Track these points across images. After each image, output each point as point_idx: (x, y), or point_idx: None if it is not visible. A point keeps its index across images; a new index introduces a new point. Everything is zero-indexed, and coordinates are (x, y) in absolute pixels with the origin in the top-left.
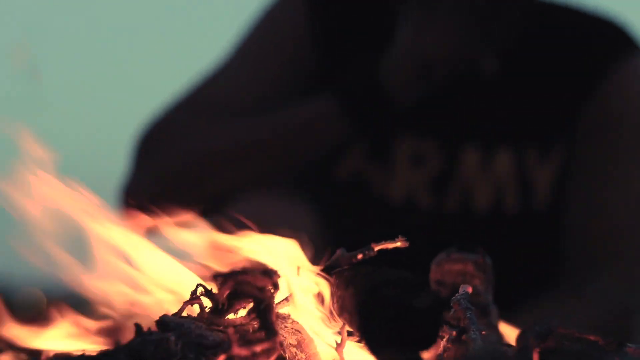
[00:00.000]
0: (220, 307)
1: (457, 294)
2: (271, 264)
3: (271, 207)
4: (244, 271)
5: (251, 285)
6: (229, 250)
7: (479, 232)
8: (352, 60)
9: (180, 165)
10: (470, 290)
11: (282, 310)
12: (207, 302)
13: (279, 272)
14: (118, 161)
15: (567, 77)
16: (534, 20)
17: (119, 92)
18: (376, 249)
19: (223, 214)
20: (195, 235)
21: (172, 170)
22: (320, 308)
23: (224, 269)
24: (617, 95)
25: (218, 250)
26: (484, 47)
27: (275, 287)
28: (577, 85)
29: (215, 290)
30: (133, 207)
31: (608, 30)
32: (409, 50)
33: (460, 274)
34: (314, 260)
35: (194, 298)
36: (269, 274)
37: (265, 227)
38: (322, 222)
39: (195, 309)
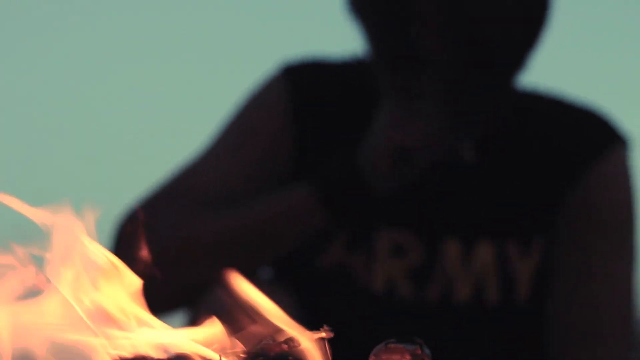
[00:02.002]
0: None
1: None
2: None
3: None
4: None
5: None
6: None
7: (459, 323)
8: (331, 150)
9: (158, 253)
10: None
11: None
12: None
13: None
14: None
15: (550, 170)
16: (516, 111)
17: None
18: (299, 341)
19: (196, 304)
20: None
21: (155, 255)
22: None
23: None
24: (599, 188)
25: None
26: (462, 137)
27: None
28: (559, 178)
29: None
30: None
31: (592, 124)
32: (386, 138)
33: None
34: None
35: None
36: None
37: (239, 315)
38: (304, 311)
39: None
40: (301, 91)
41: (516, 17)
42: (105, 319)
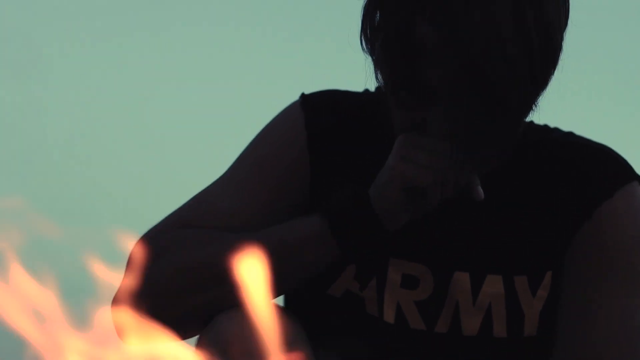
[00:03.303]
0: None
1: None
2: None
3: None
4: None
5: None
6: None
7: (467, 355)
8: (346, 182)
9: (170, 278)
10: None
11: None
12: None
13: None
14: None
15: (560, 207)
16: (526, 147)
17: None
18: None
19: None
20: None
21: (163, 282)
22: None
23: None
24: (609, 225)
25: None
26: (470, 172)
27: None
28: (569, 215)
29: None
30: (123, 314)
31: (602, 161)
32: (396, 173)
33: None
34: None
35: None
36: None
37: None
38: (316, 339)
39: None
40: (318, 123)
41: (522, 55)
42: None
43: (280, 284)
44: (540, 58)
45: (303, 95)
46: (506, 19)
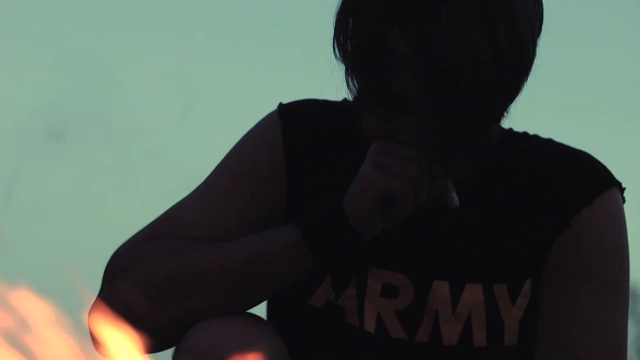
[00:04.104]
0: None
1: None
2: None
3: (234, 333)
4: None
5: None
6: None
7: None
8: (322, 192)
9: (143, 290)
10: None
11: None
12: None
13: None
14: None
15: (539, 215)
16: (505, 155)
17: None
18: None
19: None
20: None
21: (137, 294)
22: None
23: None
24: (587, 233)
25: None
26: (443, 180)
27: None
28: (548, 223)
29: None
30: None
31: (581, 168)
32: (367, 184)
33: None
34: None
35: None
36: None
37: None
38: (297, 349)
39: None
40: (296, 132)
41: (492, 65)
42: None
43: (255, 293)
44: (511, 67)
45: (280, 105)
46: (476, 29)
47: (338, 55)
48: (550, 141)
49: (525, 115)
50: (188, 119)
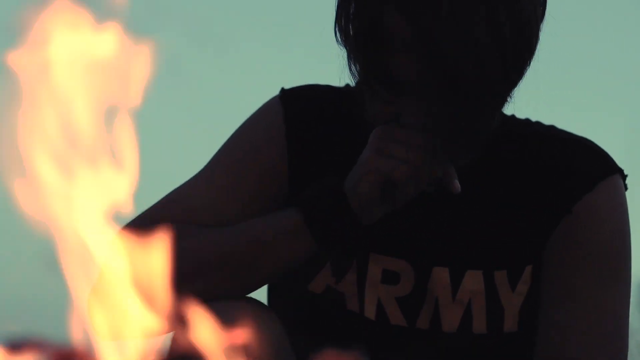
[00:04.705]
0: None
1: None
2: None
3: (234, 317)
4: None
5: None
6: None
7: (448, 351)
8: (321, 177)
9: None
10: None
11: None
12: None
13: None
14: None
15: (540, 201)
16: (506, 141)
17: None
18: None
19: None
20: None
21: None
22: None
23: None
24: (588, 219)
25: None
26: (445, 164)
27: None
28: (549, 209)
29: None
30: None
31: (583, 155)
32: (369, 168)
33: None
34: None
35: None
36: None
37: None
38: (297, 334)
39: None
40: (298, 117)
41: (494, 51)
42: None
43: (256, 277)
44: (513, 53)
45: (282, 90)
46: (478, 13)
47: (340, 39)
48: (552, 128)
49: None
50: None
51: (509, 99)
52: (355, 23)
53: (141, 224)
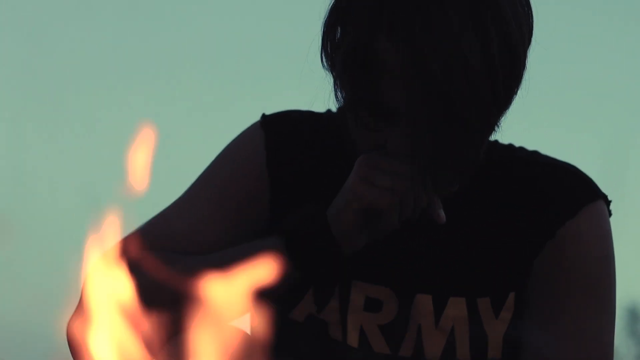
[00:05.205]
0: None
1: None
2: None
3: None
4: None
5: None
6: None
7: None
8: (302, 204)
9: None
10: None
11: None
12: None
13: None
14: None
15: (523, 228)
16: (490, 168)
17: None
18: None
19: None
20: None
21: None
22: None
23: None
24: (572, 245)
25: None
26: (431, 195)
27: None
28: (533, 235)
29: None
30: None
31: (566, 181)
32: (353, 196)
33: None
34: None
35: None
36: None
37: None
38: None
39: None
40: (279, 143)
41: (484, 75)
42: None
43: (237, 306)
44: (503, 78)
45: (264, 116)
46: (469, 38)
47: (326, 65)
48: (535, 153)
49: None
50: None
51: (497, 127)
52: (342, 49)
53: (120, 251)
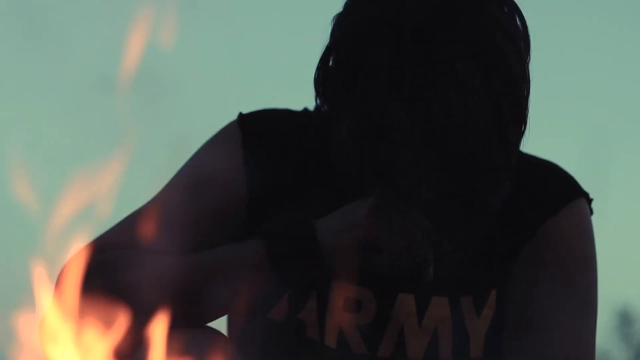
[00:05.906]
0: None
1: None
2: None
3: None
4: None
5: None
6: None
7: None
8: (284, 204)
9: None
10: None
11: None
12: None
13: None
14: None
15: (505, 226)
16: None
17: None
18: None
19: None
20: None
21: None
22: None
23: None
24: (554, 242)
25: None
26: (429, 254)
27: None
28: (514, 234)
29: None
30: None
31: (547, 179)
32: (360, 225)
33: None
34: None
35: None
36: None
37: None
38: None
39: None
40: (256, 142)
41: (501, 148)
42: None
43: (214, 307)
44: (516, 147)
45: (240, 115)
46: (484, 113)
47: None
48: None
49: None
50: None
51: (503, 187)
52: (351, 114)
53: (96, 250)
